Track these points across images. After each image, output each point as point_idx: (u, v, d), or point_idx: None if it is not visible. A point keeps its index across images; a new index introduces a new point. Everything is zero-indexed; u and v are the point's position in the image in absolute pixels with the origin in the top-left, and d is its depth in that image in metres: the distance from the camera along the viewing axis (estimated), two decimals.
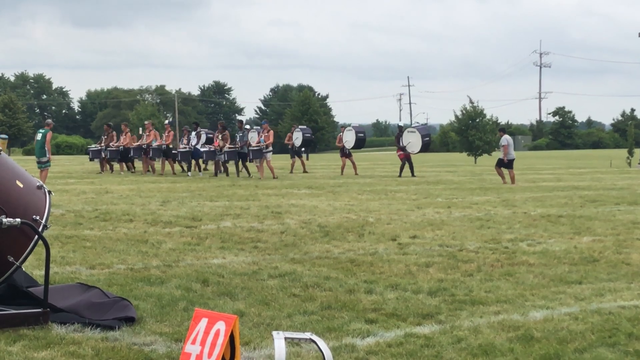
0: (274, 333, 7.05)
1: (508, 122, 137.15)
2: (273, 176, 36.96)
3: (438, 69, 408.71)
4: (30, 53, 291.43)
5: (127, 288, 10.53)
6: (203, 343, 7.20)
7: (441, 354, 7.62)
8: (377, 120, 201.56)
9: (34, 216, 8.79)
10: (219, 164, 39.62)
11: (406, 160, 40.19)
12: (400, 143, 40.17)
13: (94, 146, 45.02)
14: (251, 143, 38.04)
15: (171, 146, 41.54)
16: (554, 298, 10.25)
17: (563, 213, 20.62)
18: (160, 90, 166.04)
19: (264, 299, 10.00)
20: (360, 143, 42.44)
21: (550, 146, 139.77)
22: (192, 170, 41.09)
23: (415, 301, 9.98)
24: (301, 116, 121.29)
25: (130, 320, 8.78)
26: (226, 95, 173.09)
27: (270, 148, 37.87)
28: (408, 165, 40.16)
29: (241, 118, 51.82)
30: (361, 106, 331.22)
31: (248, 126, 40.15)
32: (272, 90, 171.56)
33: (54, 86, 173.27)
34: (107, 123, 47.64)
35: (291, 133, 45.09)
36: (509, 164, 34.46)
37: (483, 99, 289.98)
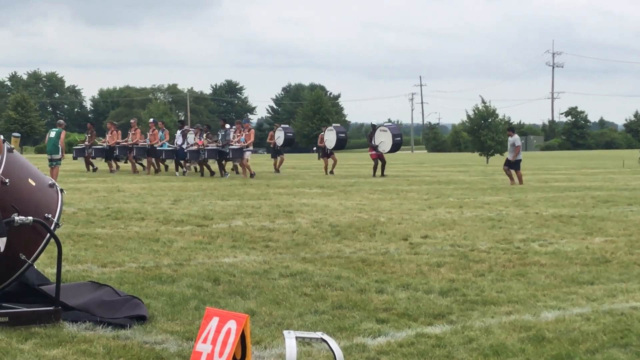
0: (285, 332, 7.05)
1: (520, 122, 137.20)
2: (250, 174, 36.65)
3: (450, 68, 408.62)
4: (42, 51, 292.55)
5: (139, 286, 10.54)
6: (214, 342, 7.20)
7: (452, 354, 7.61)
8: (389, 119, 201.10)
9: (46, 214, 8.80)
10: (207, 164, 38.93)
11: (379, 159, 39.95)
12: (372, 142, 40.01)
13: (80, 145, 44.68)
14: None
15: (156, 145, 40.65)
16: (566, 299, 10.22)
17: (575, 213, 20.57)
18: (172, 89, 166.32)
19: (275, 298, 10.00)
20: (341, 143, 42.18)
21: (562, 146, 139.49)
22: (181, 169, 40.02)
23: (426, 301, 9.97)
24: (313, 115, 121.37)
25: (141, 318, 8.79)
26: (238, 94, 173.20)
27: (250, 147, 37.75)
28: (380, 164, 39.87)
29: (223, 118, 50.47)
30: (373, 105, 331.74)
31: (228, 125, 39.55)
32: (284, 89, 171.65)
33: (67, 84, 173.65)
34: (89, 122, 46.85)
35: (273, 132, 44.82)
36: (517, 165, 33.99)
37: (495, 99, 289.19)
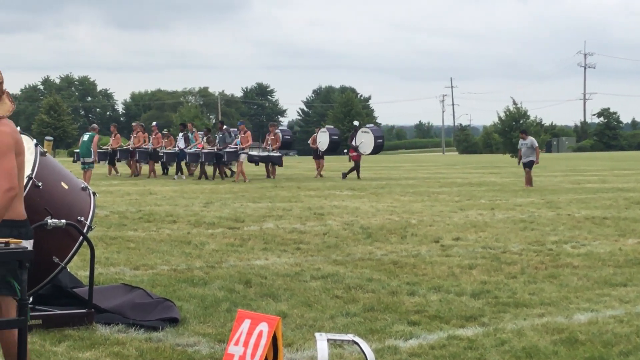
0: (317, 334, 7.06)
1: (552, 123, 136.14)
2: (244, 179, 35.40)
3: (481, 70, 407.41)
4: (74, 55, 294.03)
5: (171, 289, 10.58)
6: (246, 344, 7.21)
7: (484, 357, 7.58)
8: (420, 121, 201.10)
9: (79, 217, 8.85)
10: (203, 167, 38.22)
11: (357, 161, 39.27)
12: (353, 142, 39.39)
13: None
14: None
15: (158, 149, 39.89)
16: (599, 301, 10.17)
17: (608, 215, 20.45)
18: (203, 92, 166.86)
19: (307, 301, 10.01)
20: (333, 146, 41.35)
21: (594, 148, 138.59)
22: (180, 173, 39.30)
23: (458, 303, 9.94)
24: (343, 117, 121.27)
25: (173, 321, 8.83)
26: (269, 96, 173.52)
27: (246, 150, 36.77)
28: (355, 166, 39.01)
29: (221, 120, 49.50)
30: (403, 107, 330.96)
31: (225, 127, 39.17)
32: (315, 91, 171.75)
33: (99, 88, 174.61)
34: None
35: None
36: (530, 165, 33.11)
37: (526, 100, 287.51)
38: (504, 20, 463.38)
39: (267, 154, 38.21)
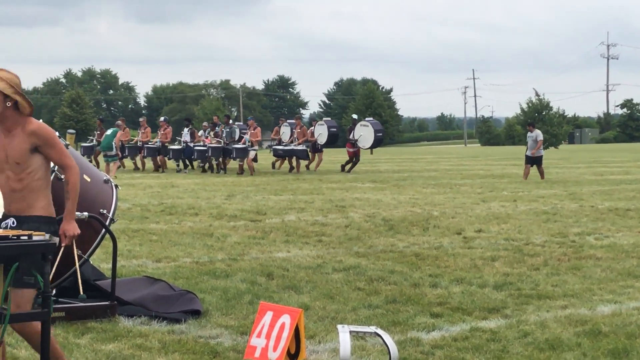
0: (339, 327, 7.06)
1: (575, 115, 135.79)
2: (250, 173, 34.98)
3: (503, 61, 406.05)
4: (96, 48, 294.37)
5: (193, 281, 10.60)
6: (268, 336, 7.22)
7: (507, 349, 7.56)
8: (442, 113, 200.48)
9: (101, 210, 8.89)
10: (220, 163, 37.25)
11: (355, 156, 38.21)
12: (352, 136, 38.13)
13: (88, 142, 43.07)
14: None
15: (167, 144, 39.24)
16: (622, 292, 10.12)
17: (631, 206, 20.35)
18: (225, 84, 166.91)
19: (329, 293, 10.01)
20: (332, 138, 39.33)
21: (618, 139, 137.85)
22: (189, 168, 39.39)
23: (480, 295, 9.92)
24: (365, 110, 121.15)
25: (196, 313, 8.85)
26: (290, 89, 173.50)
27: (255, 146, 36.11)
28: (351, 161, 38.07)
29: (227, 113, 48.30)
30: (425, 99, 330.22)
31: (231, 121, 38.26)
32: (336, 84, 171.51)
33: (120, 81, 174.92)
34: (99, 117, 44.95)
35: (278, 127, 42.19)
36: (539, 160, 32.47)
37: (549, 92, 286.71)
38: (526, 11, 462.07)
39: (291, 148, 37.51)
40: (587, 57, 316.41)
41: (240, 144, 35.70)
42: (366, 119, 40.73)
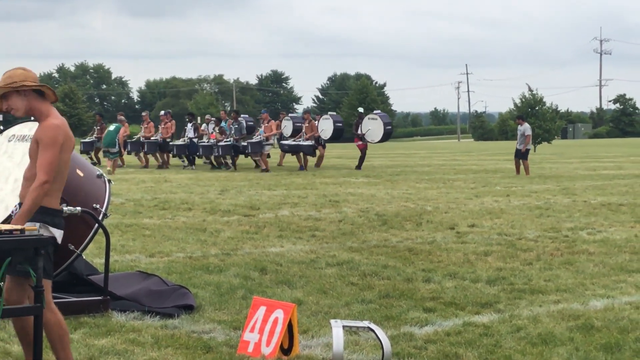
0: (332, 321, 7.07)
1: (568, 110, 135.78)
2: (266, 169, 33.68)
3: (497, 56, 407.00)
4: (89, 43, 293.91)
5: (186, 276, 10.60)
6: (261, 331, 7.23)
7: (500, 343, 7.57)
8: (435, 108, 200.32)
9: (94, 205, 8.87)
10: (218, 159, 36.46)
11: (363, 150, 36.86)
12: (359, 131, 36.48)
13: (88, 138, 41.72)
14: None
15: (168, 139, 37.93)
16: (615, 287, 10.14)
17: (624, 201, 20.38)
18: (218, 79, 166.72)
19: (322, 288, 10.01)
20: (337, 133, 37.59)
21: (610, 134, 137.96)
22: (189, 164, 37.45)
23: (473, 290, 9.94)
24: (358, 104, 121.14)
25: (189, 308, 8.85)
26: (284, 84, 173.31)
27: (270, 140, 35.16)
28: (360, 156, 36.77)
29: (236, 109, 46.24)
30: (419, 94, 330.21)
31: (241, 118, 36.81)
32: (330, 78, 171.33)
33: (114, 76, 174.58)
34: (99, 113, 43.62)
35: (280, 121, 39.58)
36: (525, 155, 32.48)
37: (542, 87, 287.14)
38: (520, 7, 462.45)
39: (298, 143, 35.79)
40: (580, 53, 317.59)
41: (254, 138, 34.52)
42: (374, 112, 39.21)
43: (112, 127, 34.94)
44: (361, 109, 40.11)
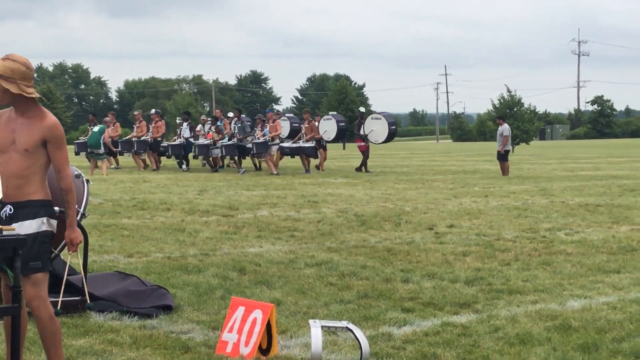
0: (311, 322, 7.07)
1: (546, 111, 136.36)
2: (275, 172, 32.27)
3: (475, 58, 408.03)
4: (67, 43, 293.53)
5: (165, 276, 10.58)
6: (240, 331, 7.23)
7: (478, 343, 7.60)
8: (414, 109, 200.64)
9: None
10: (217, 159, 35.49)
11: (365, 152, 35.43)
12: (361, 131, 35.34)
13: (82, 139, 39.58)
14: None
15: (159, 139, 37.03)
16: (592, 287, 10.18)
17: (601, 202, 20.48)
18: (197, 79, 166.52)
19: (301, 288, 10.02)
20: (342, 133, 37.15)
21: (588, 135, 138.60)
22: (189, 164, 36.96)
23: (452, 290, 9.96)
24: (338, 105, 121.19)
25: (167, 308, 8.84)
26: (263, 84, 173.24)
27: (276, 140, 33.84)
28: (363, 158, 35.37)
29: (238, 108, 45.16)
30: (398, 95, 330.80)
31: (244, 116, 36.37)
32: (309, 79, 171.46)
33: (92, 76, 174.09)
34: (92, 112, 42.43)
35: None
36: (505, 156, 32.55)
37: (521, 88, 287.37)
38: (499, 8, 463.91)
39: (299, 146, 34.40)
40: (559, 54, 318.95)
41: (260, 138, 33.25)
42: (378, 112, 38.11)
43: (97, 129, 34.87)
44: (362, 109, 38.78)
